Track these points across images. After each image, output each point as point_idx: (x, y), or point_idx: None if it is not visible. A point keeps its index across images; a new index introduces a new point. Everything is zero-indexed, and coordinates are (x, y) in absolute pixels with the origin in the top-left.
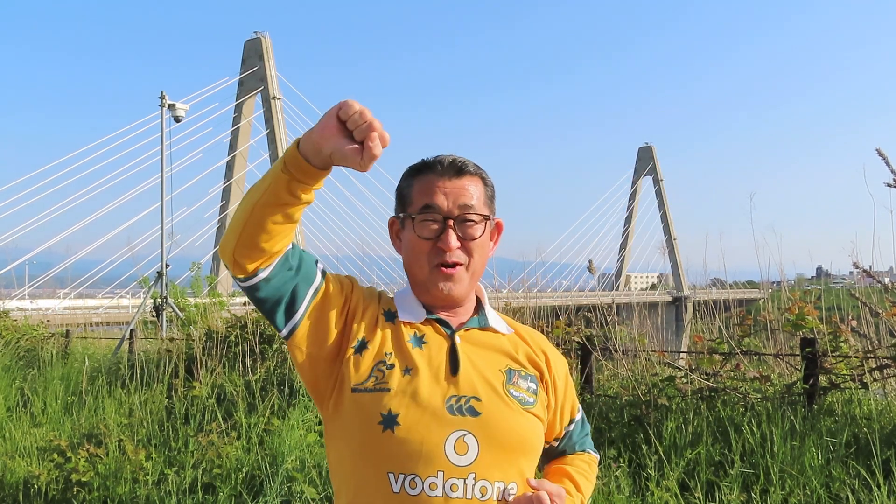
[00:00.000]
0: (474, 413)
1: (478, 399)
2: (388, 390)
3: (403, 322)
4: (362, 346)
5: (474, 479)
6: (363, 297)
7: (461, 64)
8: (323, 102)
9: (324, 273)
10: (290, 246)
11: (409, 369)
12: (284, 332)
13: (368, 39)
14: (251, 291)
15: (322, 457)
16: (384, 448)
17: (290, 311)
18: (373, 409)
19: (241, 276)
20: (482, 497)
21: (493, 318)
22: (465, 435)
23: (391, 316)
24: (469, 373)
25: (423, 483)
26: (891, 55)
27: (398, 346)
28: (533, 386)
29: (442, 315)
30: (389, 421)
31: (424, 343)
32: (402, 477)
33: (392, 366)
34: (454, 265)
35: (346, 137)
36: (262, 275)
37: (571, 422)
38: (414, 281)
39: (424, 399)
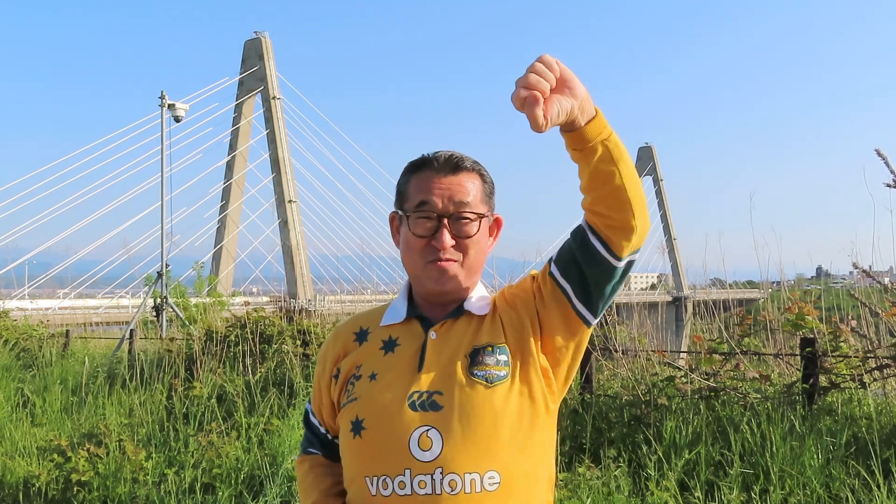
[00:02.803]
0: (436, 407)
1: (439, 393)
2: (356, 399)
3: (384, 326)
4: (337, 375)
5: (441, 473)
6: (326, 358)
7: (459, 61)
8: (323, 101)
9: (313, 415)
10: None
11: (375, 375)
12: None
13: (369, 38)
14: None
15: None
16: (356, 453)
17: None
18: (346, 419)
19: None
20: (452, 491)
21: (475, 300)
22: (427, 430)
23: (363, 335)
24: (432, 367)
25: (392, 483)
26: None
27: (368, 357)
28: (503, 357)
29: (426, 312)
30: (357, 427)
31: (397, 346)
32: (375, 479)
33: (360, 376)
34: (447, 261)
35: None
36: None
37: (551, 262)
38: (410, 274)
39: (386, 400)
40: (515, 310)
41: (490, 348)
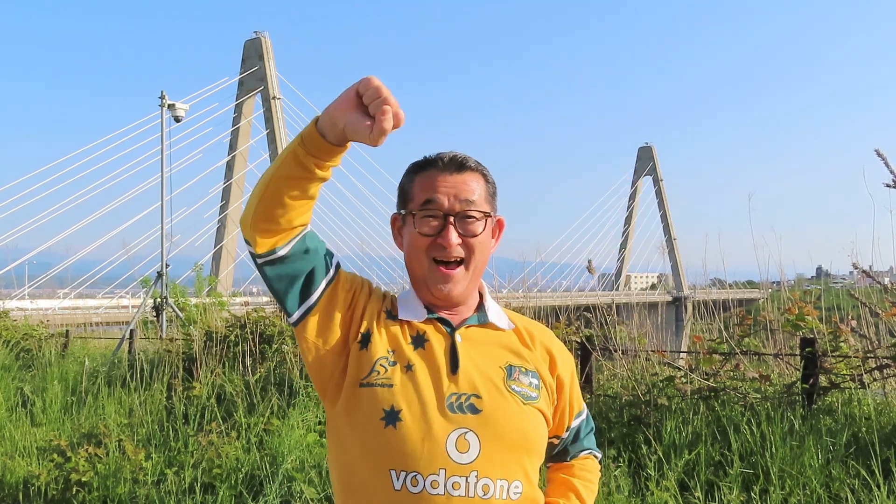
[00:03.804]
0: (475, 410)
1: (478, 396)
2: (392, 386)
3: (404, 321)
4: (366, 341)
5: (476, 476)
6: (371, 295)
7: (459, 61)
8: (323, 102)
9: (338, 266)
10: (309, 229)
11: (411, 366)
12: (295, 317)
13: (369, 38)
14: (268, 268)
15: (322, 456)
16: (386, 445)
17: (304, 295)
18: (376, 404)
19: (260, 252)
20: (484, 495)
21: (494, 313)
22: (465, 433)
23: (392, 316)
24: (469, 370)
25: (424, 481)
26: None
27: (399, 345)
28: (535, 381)
29: (443, 314)
30: (392, 417)
31: (426, 341)
32: (403, 474)
33: (395, 363)
34: (454, 264)
35: (362, 113)
36: (281, 252)
37: (576, 417)
38: (414, 277)
39: (426, 396)
40: (545, 363)
41: (524, 368)
